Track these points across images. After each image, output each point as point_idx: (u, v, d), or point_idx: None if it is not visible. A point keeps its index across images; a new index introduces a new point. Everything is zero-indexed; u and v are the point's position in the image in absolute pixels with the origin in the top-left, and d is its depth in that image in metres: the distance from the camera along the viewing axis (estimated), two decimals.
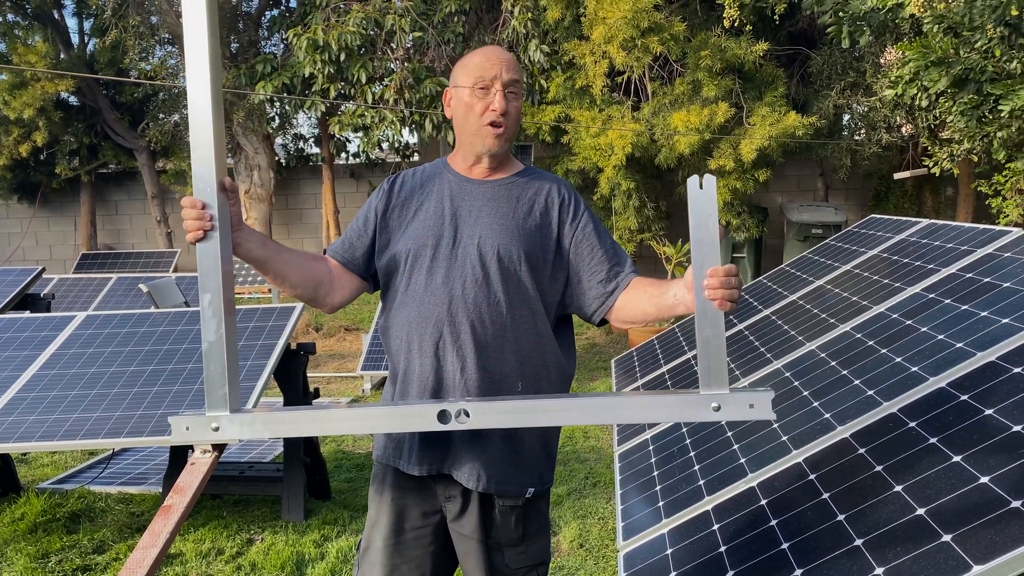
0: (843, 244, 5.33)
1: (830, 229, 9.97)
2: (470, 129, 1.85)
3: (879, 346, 3.15)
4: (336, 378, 7.58)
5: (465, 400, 1.59)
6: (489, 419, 1.57)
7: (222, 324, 1.54)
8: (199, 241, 1.55)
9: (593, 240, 1.89)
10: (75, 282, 9.68)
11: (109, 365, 3.68)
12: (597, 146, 8.52)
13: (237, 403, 1.58)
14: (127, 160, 14.14)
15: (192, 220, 1.55)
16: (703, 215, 1.49)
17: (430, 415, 1.54)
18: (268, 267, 1.75)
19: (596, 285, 1.88)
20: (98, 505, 4.17)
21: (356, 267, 1.93)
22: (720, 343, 1.51)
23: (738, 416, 1.51)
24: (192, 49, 1.53)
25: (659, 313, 1.77)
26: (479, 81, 1.82)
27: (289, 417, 1.61)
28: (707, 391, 1.52)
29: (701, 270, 1.51)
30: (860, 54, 8.63)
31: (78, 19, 13.93)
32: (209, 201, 1.55)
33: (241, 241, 1.67)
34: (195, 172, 1.56)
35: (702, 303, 1.51)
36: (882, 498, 2.11)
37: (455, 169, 1.92)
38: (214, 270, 1.55)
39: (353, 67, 9.66)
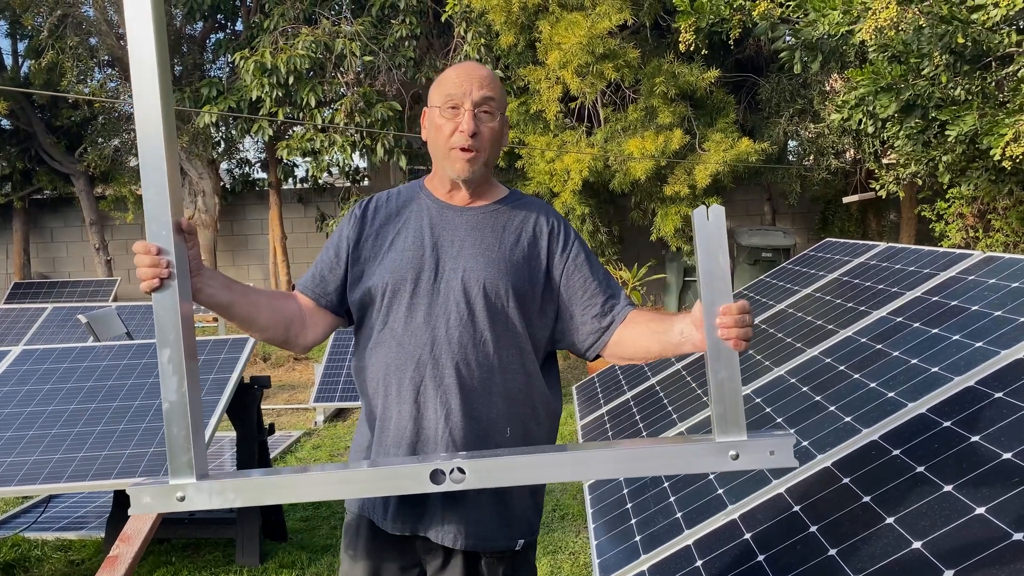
0: (800, 267, 5.36)
1: (779, 253, 10.12)
2: (440, 152, 1.71)
3: (851, 371, 3.12)
4: (287, 410, 7.33)
5: (460, 457, 1.44)
6: (488, 477, 1.42)
7: (184, 381, 1.40)
8: (155, 291, 1.40)
9: (586, 271, 1.77)
10: (6, 312, 9.25)
11: (47, 404, 3.45)
12: (552, 171, 8.51)
13: (204, 468, 1.43)
14: (63, 186, 13.66)
15: (146, 268, 1.39)
16: (712, 248, 1.39)
17: (422, 476, 1.40)
18: (233, 312, 1.60)
19: (591, 320, 1.75)
20: (33, 553, 3.90)
21: (329, 303, 1.77)
22: (736, 385, 1.42)
23: (758, 464, 1.42)
24: (140, 79, 1.39)
25: (662, 351, 1.66)
26: (448, 100, 1.68)
27: (263, 483, 1.45)
28: (724, 438, 1.41)
29: (712, 307, 1.41)
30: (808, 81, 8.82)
31: (11, 40, 13.47)
32: (165, 245, 1.40)
33: (202, 286, 1.51)
34: (148, 213, 1.41)
35: (715, 343, 1.41)
36: (874, 531, 2.04)
37: (434, 194, 1.78)
38: (172, 322, 1.40)
39: (302, 91, 9.51)
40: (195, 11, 11.15)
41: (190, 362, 1.42)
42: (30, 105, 12.85)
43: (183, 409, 1.40)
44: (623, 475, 1.51)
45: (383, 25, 10.23)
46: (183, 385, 1.40)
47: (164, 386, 1.40)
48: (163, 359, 1.40)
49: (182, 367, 1.40)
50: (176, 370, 1.40)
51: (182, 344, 1.40)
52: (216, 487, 1.41)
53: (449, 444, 1.64)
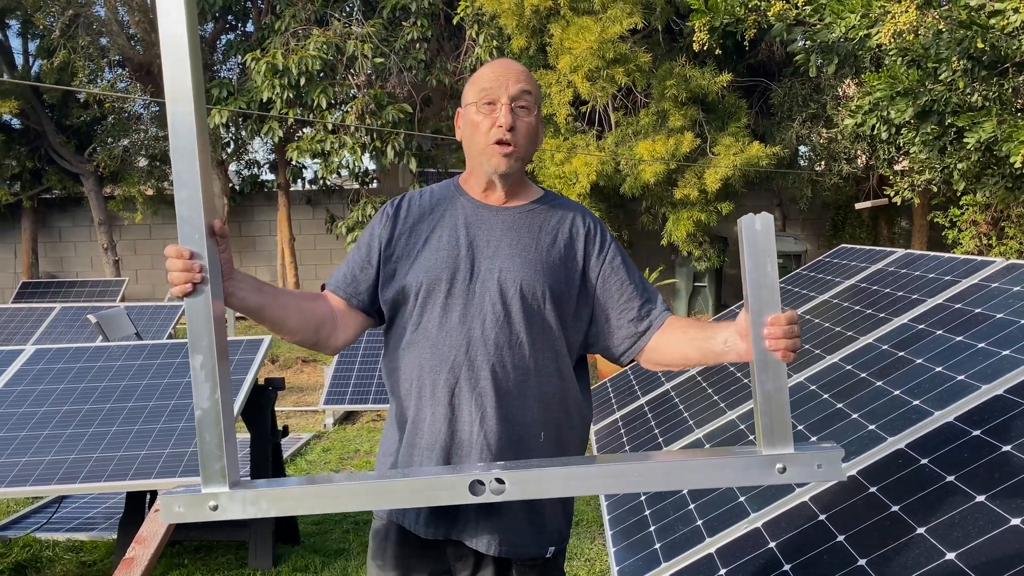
0: (815, 274, 5.32)
1: (790, 259, 10.08)
2: (477, 148, 1.69)
3: (873, 378, 3.09)
4: (296, 412, 7.31)
5: (499, 468, 1.40)
6: (528, 489, 1.39)
7: (217, 389, 1.36)
8: (187, 296, 1.36)
9: (623, 274, 1.74)
10: (15, 312, 9.24)
11: (61, 403, 3.43)
12: (561, 174, 8.48)
13: (236, 475, 1.40)
14: (73, 185, 13.68)
15: (179, 272, 1.35)
16: (760, 256, 1.36)
17: (461, 487, 1.36)
18: (264, 315, 1.57)
19: (627, 324, 1.72)
20: (45, 554, 3.87)
21: (360, 303, 1.73)
22: (783, 398, 1.38)
23: (806, 478, 1.39)
24: (173, 76, 1.36)
25: (702, 359, 1.62)
26: (484, 96, 1.66)
27: (298, 492, 1.42)
28: (770, 451, 1.38)
29: (759, 317, 1.38)
30: (820, 86, 8.79)
31: (23, 40, 13.50)
32: (197, 249, 1.37)
33: (233, 290, 1.48)
34: (181, 216, 1.37)
35: (762, 353, 1.38)
36: (905, 541, 2.00)
37: (469, 193, 1.75)
38: (205, 328, 1.37)
39: (313, 92, 9.50)
40: (206, 12, 11.16)
41: (222, 367, 1.38)
42: (40, 104, 12.87)
43: (216, 416, 1.37)
44: (668, 488, 1.48)
45: (394, 27, 10.23)
46: (216, 392, 1.37)
47: (196, 393, 1.37)
48: (195, 365, 1.37)
49: (215, 373, 1.37)
50: (209, 376, 1.37)
51: (215, 350, 1.37)
52: (250, 496, 1.38)
53: (484, 447, 1.61)
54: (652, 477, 1.42)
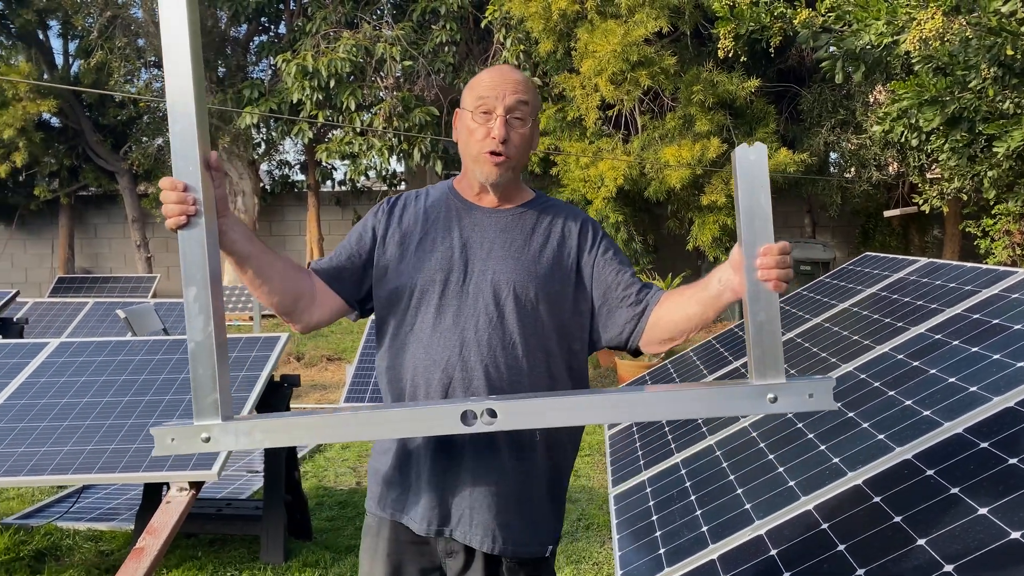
0: (838, 281, 5.26)
1: (818, 266, 9.97)
2: (470, 155, 1.71)
3: (886, 388, 3.05)
4: (318, 410, 7.39)
5: (491, 399, 1.41)
6: (520, 419, 1.39)
7: (210, 321, 1.36)
8: (181, 228, 1.36)
9: (616, 265, 1.75)
10: (50, 306, 9.44)
11: (82, 395, 3.51)
12: (586, 178, 8.48)
13: (229, 410, 1.39)
14: (108, 183, 13.96)
15: (173, 204, 1.36)
16: (754, 186, 1.34)
17: (451, 417, 1.37)
18: (250, 265, 1.56)
19: (625, 309, 1.72)
20: (65, 543, 3.96)
21: (341, 289, 1.74)
22: (775, 328, 1.37)
23: (797, 407, 1.39)
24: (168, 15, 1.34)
25: (703, 311, 1.59)
26: (481, 104, 1.67)
27: (292, 423, 1.42)
28: (761, 381, 1.37)
29: (752, 248, 1.35)
30: (850, 92, 8.69)
31: (63, 40, 13.81)
32: (192, 182, 1.36)
33: (226, 230, 1.48)
34: (175, 149, 1.36)
35: (754, 284, 1.36)
36: (904, 552, 1.98)
37: (463, 196, 1.78)
38: (200, 260, 1.36)
39: (342, 94, 9.60)
40: (240, 14, 11.32)
41: (216, 301, 1.37)
42: (79, 104, 13.15)
43: (209, 349, 1.36)
44: (661, 417, 1.47)
45: (423, 30, 10.30)
46: (209, 324, 1.36)
47: (189, 326, 1.36)
48: (188, 297, 1.36)
49: (208, 306, 1.36)
50: (203, 309, 1.36)
51: (208, 282, 1.36)
52: (243, 427, 1.37)
53: (476, 448, 1.64)
54: (645, 407, 1.43)
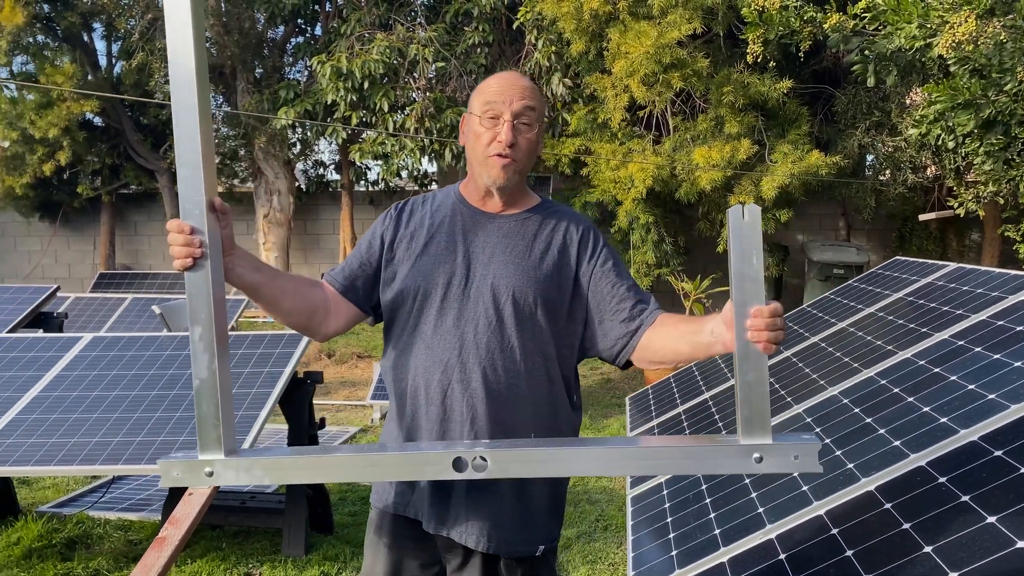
0: (866, 285, 5.20)
1: (852, 270, 9.83)
2: (477, 159, 1.75)
3: (905, 394, 3.03)
4: (346, 406, 7.48)
5: (483, 446, 1.46)
6: (509, 468, 1.43)
7: (215, 359, 1.43)
8: (188, 269, 1.43)
9: (613, 277, 1.77)
10: (90, 301, 9.68)
11: (112, 389, 3.61)
12: (616, 179, 8.47)
13: (232, 444, 1.47)
14: (148, 181, 14.25)
15: (179, 247, 1.42)
16: (746, 248, 1.37)
17: (444, 463, 1.42)
18: (261, 293, 1.64)
19: (619, 324, 1.75)
20: (96, 531, 4.08)
21: (355, 296, 1.81)
22: (764, 388, 1.40)
23: (782, 468, 1.39)
24: (176, 59, 1.41)
25: (692, 352, 1.63)
26: (489, 109, 1.71)
27: (290, 462, 1.49)
28: (748, 440, 1.40)
29: (743, 308, 1.39)
30: (886, 94, 8.56)
31: (106, 42, 14.13)
32: (198, 224, 1.43)
33: (233, 266, 1.55)
34: (182, 193, 1.43)
35: (744, 345, 1.39)
36: (910, 559, 1.98)
37: (468, 200, 1.81)
38: (204, 301, 1.43)
39: (375, 95, 9.70)
40: (276, 15, 11.50)
41: (221, 341, 1.44)
42: (120, 104, 13.46)
43: (213, 386, 1.43)
44: (646, 472, 1.52)
45: (456, 32, 10.36)
46: (214, 363, 1.42)
47: (195, 363, 1.43)
48: (194, 337, 1.43)
49: (213, 345, 1.42)
50: (207, 348, 1.42)
51: (213, 323, 1.42)
52: (244, 464, 1.44)
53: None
54: (632, 461, 1.45)
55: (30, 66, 13.42)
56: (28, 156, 13.08)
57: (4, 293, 6.59)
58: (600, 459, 1.45)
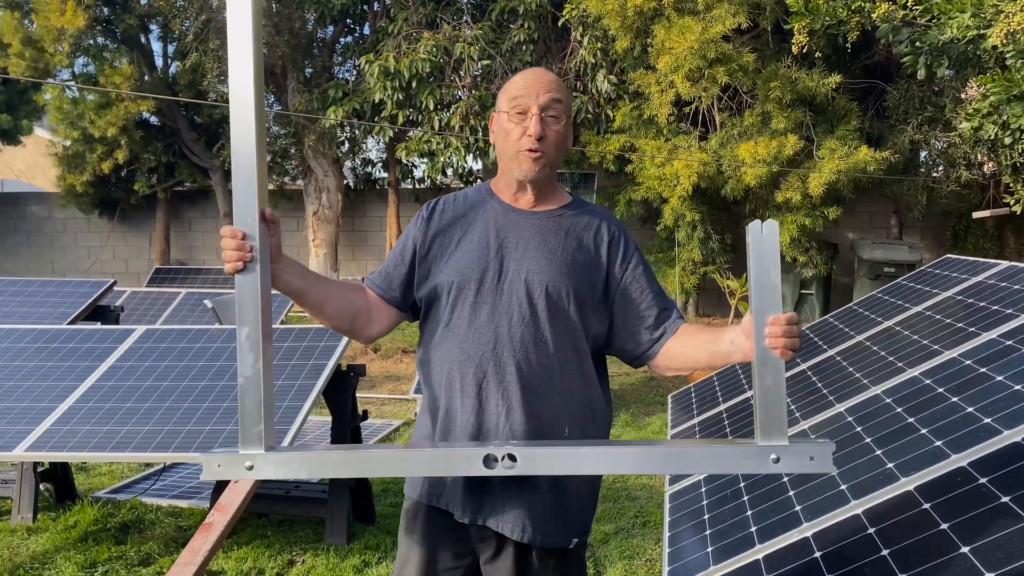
0: (915, 284, 5.10)
1: (903, 268, 9.62)
2: (507, 155, 1.78)
3: (949, 394, 2.98)
4: (390, 400, 7.59)
5: (512, 444, 1.51)
6: (537, 465, 1.49)
7: (259, 359, 1.49)
8: (238, 272, 1.50)
9: (643, 282, 1.81)
10: (146, 295, 9.96)
11: (163, 379, 3.74)
12: (662, 176, 8.42)
13: (273, 440, 1.53)
14: (202, 179, 14.61)
15: (232, 251, 1.49)
16: (765, 261, 1.45)
17: (475, 459, 1.47)
18: (306, 299, 1.71)
19: (643, 330, 1.79)
20: (148, 517, 4.22)
21: (393, 299, 1.86)
22: (780, 392, 1.47)
23: (797, 469, 1.46)
24: (236, 76, 1.50)
25: (710, 360, 1.69)
26: (516, 105, 1.75)
27: (325, 458, 1.55)
28: (765, 442, 1.46)
29: (762, 316, 1.47)
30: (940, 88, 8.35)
31: (162, 43, 14.52)
32: (250, 231, 1.51)
33: (280, 273, 1.62)
34: (236, 201, 1.52)
35: (762, 351, 1.47)
36: (946, 559, 1.95)
37: (500, 197, 1.84)
38: (253, 303, 1.50)
39: (422, 94, 9.80)
40: (326, 16, 11.68)
41: (266, 341, 1.50)
42: (175, 103, 13.81)
43: (257, 384, 1.49)
44: (666, 471, 1.58)
45: (502, 29, 10.40)
46: (258, 362, 1.49)
47: (241, 362, 1.50)
48: (241, 336, 1.49)
49: (259, 345, 1.49)
50: (253, 347, 1.49)
51: (260, 323, 1.49)
52: (283, 459, 1.51)
53: (510, 440, 1.69)
54: (652, 461, 1.51)
55: (90, 67, 13.86)
56: (88, 155, 13.53)
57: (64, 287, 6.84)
58: (623, 458, 1.52)
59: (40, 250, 15.93)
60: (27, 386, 3.75)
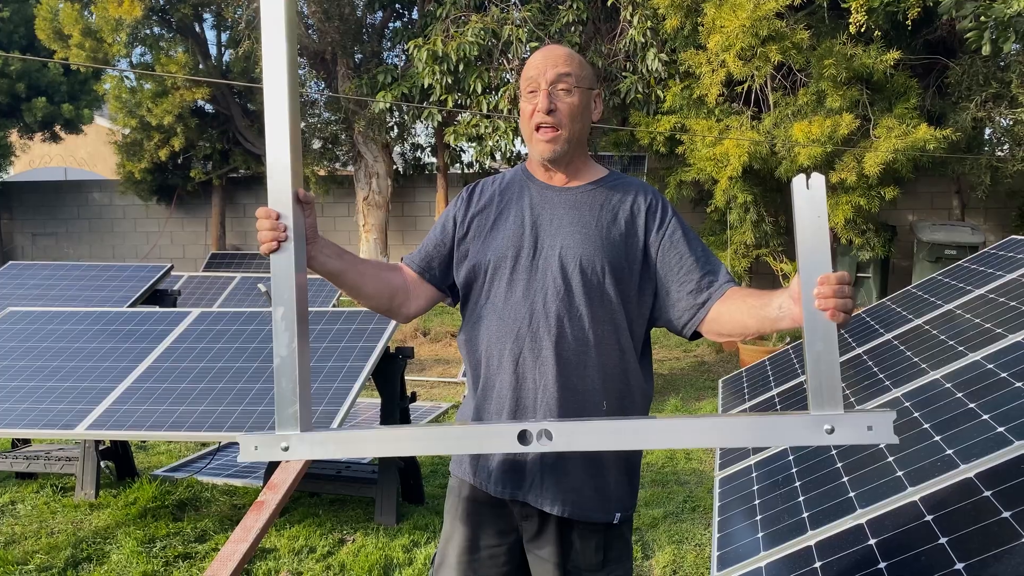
0: (978, 266, 4.94)
1: (965, 250, 9.31)
2: (526, 136, 1.79)
3: (1013, 379, 2.87)
4: (439, 383, 7.65)
5: (548, 420, 1.48)
6: (574, 441, 1.43)
7: (295, 339, 1.49)
8: (273, 252, 1.51)
9: (682, 247, 1.76)
10: (202, 280, 10.19)
11: (217, 360, 3.82)
12: (712, 156, 8.28)
13: (308, 422, 1.52)
14: (256, 165, 14.85)
15: (266, 231, 1.50)
16: (811, 217, 1.34)
17: (510, 435, 1.44)
18: (343, 279, 1.72)
19: (686, 296, 1.74)
20: (204, 495, 4.33)
21: (432, 278, 1.87)
22: (833, 358, 1.36)
23: (855, 439, 1.35)
24: (270, 58, 1.50)
25: (760, 326, 1.60)
26: (528, 84, 1.75)
27: (360, 437, 1.54)
28: (819, 411, 1.36)
29: (810, 277, 1.36)
30: (1006, 63, 8.03)
31: (216, 31, 14.75)
32: (284, 211, 1.51)
33: (316, 254, 1.63)
34: (271, 181, 1.52)
35: (811, 314, 1.36)
36: (1007, 548, 1.89)
37: (535, 176, 1.85)
38: (287, 282, 1.50)
39: (470, 77, 9.78)
40: (375, 1, 11.72)
41: (301, 322, 1.50)
42: (229, 91, 14.04)
43: (292, 364, 1.49)
44: (713, 444, 1.48)
45: (551, 11, 10.31)
46: (294, 342, 1.49)
47: (276, 342, 1.50)
48: (276, 316, 1.50)
49: (294, 325, 1.49)
50: (288, 327, 1.50)
51: (295, 303, 1.49)
52: (318, 439, 1.52)
53: (547, 413, 1.69)
54: (699, 434, 1.43)
55: (147, 57, 14.17)
56: (145, 142, 13.85)
57: (124, 271, 7.04)
58: (666, 432, 1.44)
59: (101, 236, 16.41)
60: (88, 367, 3.86)
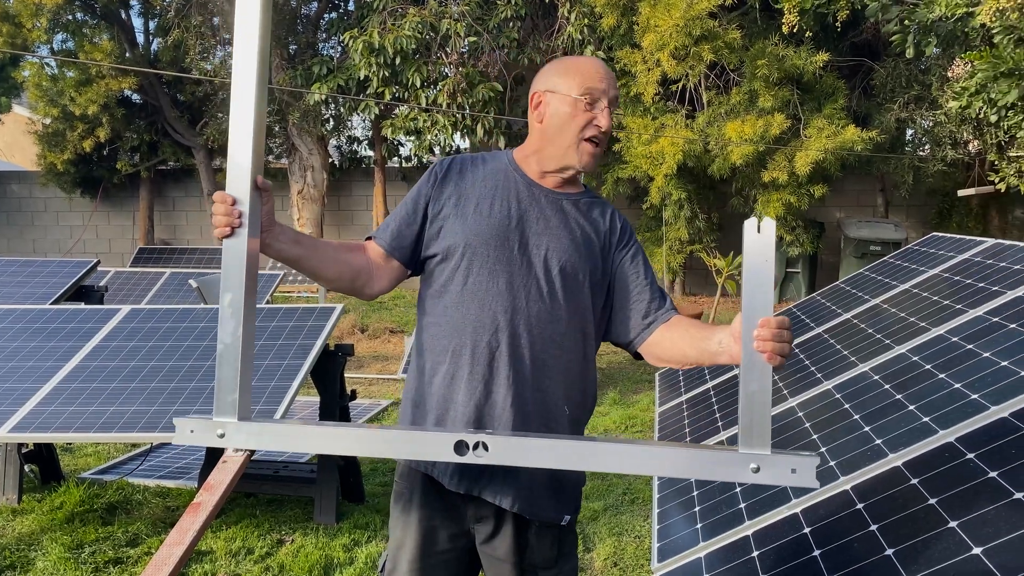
0: (902, 262, 5.13)
1: (889, 246, 9.67)
2: (565, 141, 1.75)
3: (937, 370, 3.00)
4: (378, 380, 7.58)
5: (485, 433, 1.47)
6: (509, 456, 1.45)
7: (240, 327, 1.46)
8: (226, 237, 1.48)
9: (640, 270, 1.82)
10: (130, 275, 9.86)
11: (149, 359, 3.70)
12: (648, 154, 8.40)
13: (247, 411, 1.50)
14: (185, 158, 14.44)
15: (221, 216, 1.48)
16: (759, 260, 1.37)
17: (446, 445, 1.44)
18: (302, 265, 1.68)
19: (634, 315, 1.80)
20: (135, 497, 4.20)
21: (402, 255, 1.81)
22: (766, 399, 1.39)
23: (778, 481, 1.39)
24: (241, 40, 1.48)
25: (699, 357, 1.66)
26: (589, 93, 1.72)
27: (298, 431, 1.52)
28: (747, 450, 1.39)
29: (751, 319, 1.39)
30: (927, 66, 8.36)
31: (144, 19, 14.28)
32: (241, 197, 1.49)
33: (271, 241, 1.60)
34: (230, 165, 1.49)
35: (749, 355, 1.39)
36: (935, 534, 1.97)
37: (524, 171, 1.82)
38: (237, 269, 1.47)
39: (408, 71, 9.70)
40: None
41: (248, 311, 1.48)
42: (158, 81, 13.62)
43: (235, 352, 1.47)
44: (641, 472, 1.51)
45: (489, 6, 10.29)
46: (239, 329, 1.46)
47: (221, 328, 1.47)
48: (224, 303, 1.47)
49: (240, 312, 1.46)
50: (235, 315, 1.47)
51: (244, 291, 1.46)
52: (254, 429, 1.49)
53: (515, 411, 1.68)
54: (629, 460, 1.45)
55: (69, 43, 13.63)
56: (68, 133, 13.33)
57: (46, 267, 6.76)
58: (599, 455, 1.46)
59: (21, 229, 15.74)
60: (10, 367, 3.70)
